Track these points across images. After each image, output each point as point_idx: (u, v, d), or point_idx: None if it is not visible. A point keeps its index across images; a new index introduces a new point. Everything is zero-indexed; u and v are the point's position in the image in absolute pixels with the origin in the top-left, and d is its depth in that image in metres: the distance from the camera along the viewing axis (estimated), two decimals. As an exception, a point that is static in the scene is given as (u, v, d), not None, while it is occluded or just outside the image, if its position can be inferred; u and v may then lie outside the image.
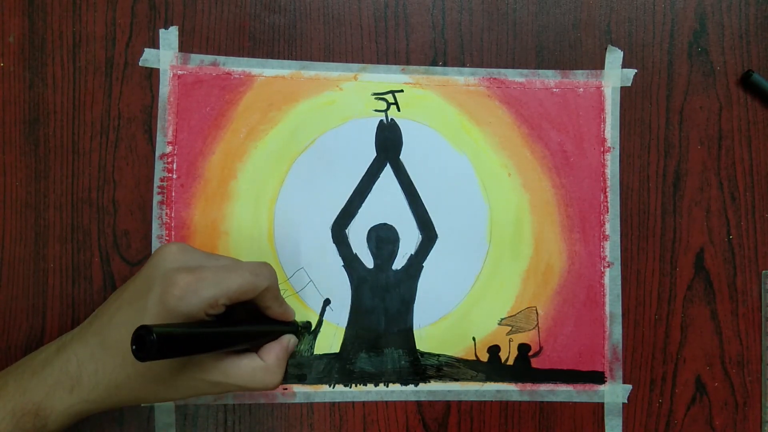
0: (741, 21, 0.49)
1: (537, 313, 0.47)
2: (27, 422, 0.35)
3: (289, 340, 0.42)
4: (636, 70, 0.48)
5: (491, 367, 0.46)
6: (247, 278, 0.36)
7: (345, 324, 0.46)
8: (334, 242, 0.46)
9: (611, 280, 0.47)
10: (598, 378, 0.47)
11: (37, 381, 0.36)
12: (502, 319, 0.47)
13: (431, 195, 0.47)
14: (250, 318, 0.41)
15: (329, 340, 0.46)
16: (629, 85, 0.48)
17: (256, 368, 0.38)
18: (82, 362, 0.36)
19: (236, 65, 0.46)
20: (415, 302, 0.46)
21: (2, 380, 0.37)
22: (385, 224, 0.47)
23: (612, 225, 0.47)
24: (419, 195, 0.47)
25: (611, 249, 0.47)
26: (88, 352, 0.36)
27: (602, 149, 0.48)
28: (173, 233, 0.45)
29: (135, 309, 0.36)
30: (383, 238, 0.46)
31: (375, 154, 0.47)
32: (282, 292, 0.45)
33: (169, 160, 0.46)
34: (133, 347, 0.30)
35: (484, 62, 0.48)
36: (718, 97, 0.48)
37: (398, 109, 0.47)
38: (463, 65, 0.47)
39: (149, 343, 0.30)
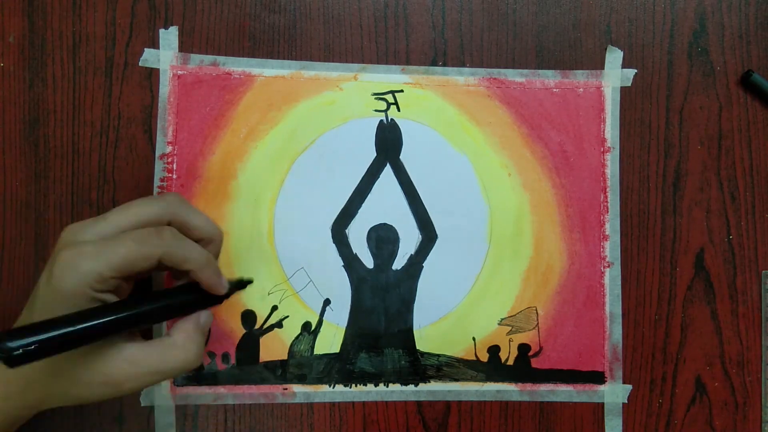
0: (741, 21, 0.49)
1: (537, 313, 0.47)
2: None
3: (200, 315, 0.37)
4: (636, 70, 0.48)
5: (491, 367, 0.46)
6: (132, 248, 0.33)
7: (345, 324, 0.46)
8: (334, 242, 0.46)
9: (611, 280, 0.47)
10: (598, 378, 0.47)
11: None
12: (502, 319, 0.47)
13: (431, 195, 0.47)
14: (180, 292, 0.37)
15: (329, 340, 0.46)
16: (629, 85, 0.48)
17: (165, 349, 0.34)
18: None
19: (236, 65, 0.46)
20: (415, 302, 0.46)
21: None
22: (385, 224, 0.47)
23: (612, 225, 0.47)
24: (419, 195, 0.47)
25: (611, 249, 0.47)
26: None
27: (602, 149, 0.48)
28: (173, 233, 0.45)
29: (31, 296, 0.34)
30: (383, 238, 0.46)
31: (375, 154, 0.47)
32: (282, 293, 0.45)
33: (169, 160, 0.46)
34: (1, 356, 0.28)
35: (484, 62, 0.48)
36: (718, 97, 0.48)
37: (398, 109, 0.47)
38: (463, 65, 0.47)
39: (6, 350, 0.28)
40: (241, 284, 0.40)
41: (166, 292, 0.37)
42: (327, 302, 0.46)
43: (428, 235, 0.47)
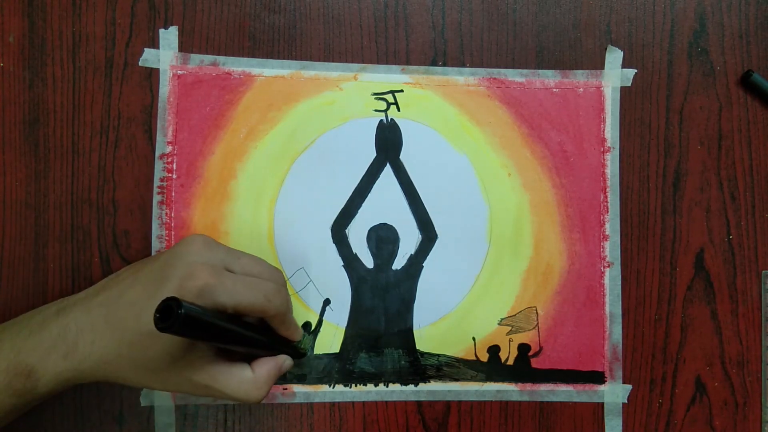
0: (741, 21, 0.49)
1: (537, 313, 0.47)
2: (18, 382, 0.35)
3: (284, 360, 0.41)
4: (636, 70, 0.48)
5: (491, 367, 0.46)
6: (260, 301, 0.36)
7: (345, 324, 0.46)
8: (334, 242, 0.46)
9: (611, 280, 0.47)
10: (598, 378, 0.47)
11: (33, 342, 0.36)
12: (502, 319, 0.47)
13: (431, 195, 0.47)
14: (257, 323, 0.40)
15: (329, 340, 0.46)
16: (629, 85, 0.48)
17: (244, 379, 0.37)
18: (81, 330, 0.36)
19: (236, 65, 0.46)
20: (415, 302, 0.46)
21: None
22: (385, 224, 0.47)
23: (612, 225, 0.47)
24: (419, 195, 0.47)
25: (611, 249, 0.47)
26: (89, 321, 0.36)
27: (602, 149, 0.48)
28: (173, 233, 0.45)
29: (148, 292, 0.35)
30: (383, 238, 0.46)
31: (375, 154, 0.47)
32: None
33: (169, 160, 0.46)
34: (157, 315, 0.30)
35: (484, 62, 0.48)
36: (718, 97, 0.48)
37: (398, 109, 0.47)
38: (463, 65, 0.47)
39: (175, 316, 0.29)
40: (302, 352, 0.45)
41: (267, 327, 0.40)
42: (327, 302, 0.46)
43: (428, 235, 0.47)
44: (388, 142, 0.47)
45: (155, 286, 0.35)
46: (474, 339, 0.46)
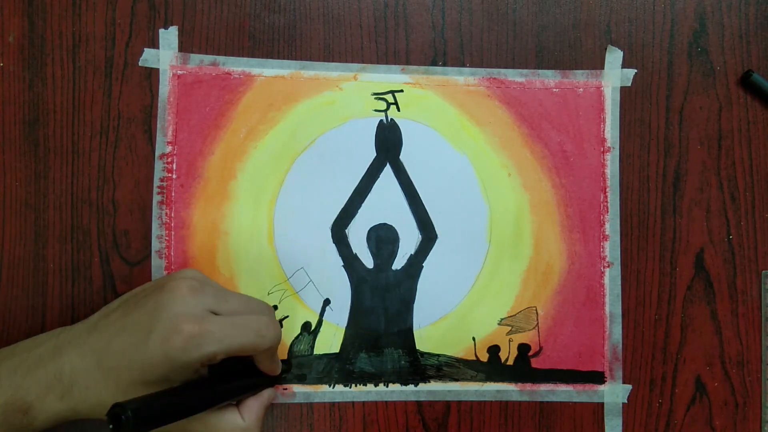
0: (741, 21, 0.49)
1: (537, 313, 0.47)
2: (16, 419, 0.35)
3: (268, 395, 0.41)
4: (636, 70, 0.48)
5: (491, 367, 0.46)
6: (252, 339, 0.36)
7: (345, 324, 0.46)
8: (334, 242, 0.46)
9: (611, 280, 0.47)
10: (598, 378, 0.47)
11: (31, 380, 0.36)
12: (502, 319, 0.47)
13: (431, 195, 0.47)
14: (235, 364, 0.40)
15: (329, 340, 0.46)
16: (629, 85, 0.48)
17: (236, 428, 0.38)
18: (75, 373, 0.36)
19: (236, 65, 0.46)
20: (415, 302, 0.46)
21: None
22: (385, 224, 0.47)
23: (612, 225, 0.47)
24: (419, 195, 0.47)
25: (611, 249, 0.47)
26: (83, 366, 0.36)
27: (602, 149, 0.48)
28: (173, 233, 0.45)
29: (134, 342, 0.35)
30: (383, 238, 0.46)
31: (375, 154, 0.47)
32: (282, 293, 0.45)
33: (169, 160, 0.46)
34: (110, 426, 0.30)
35: (484, 62, 0.48)
36: (718, 97, 0.48)
37: (398, 109, 0.47)
38: (463, 65, 0.47)
39: (124, 421, 0.29)
40: (286, 365, 0.45)
41: (243, 369, 0.40)
42: (327, 302, 0.46)
43: (428, 235, 0.47)
44: (388, 142, 0.47)
45: (141, 336, 0.35)
46: (474, 339, 0.46)
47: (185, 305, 0.36)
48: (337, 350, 0.46)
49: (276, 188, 0.46)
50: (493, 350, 0.46)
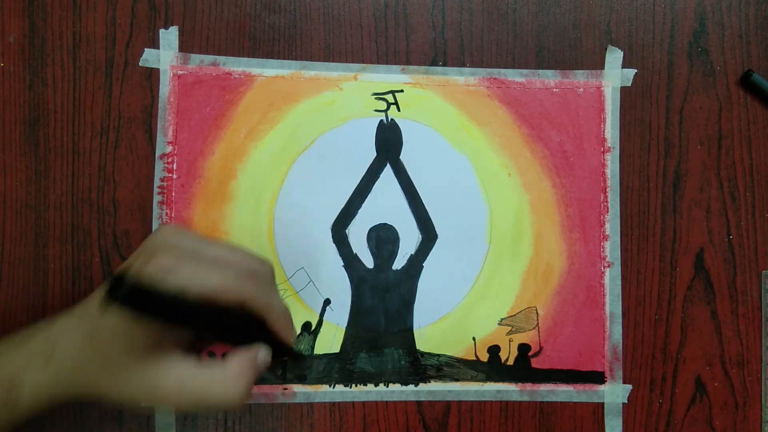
0: (741, 21, 0.49)
1: (537, 313, 0.47)
2: (0, 395, 0.34)
3: (258, 349, 0.36)
4: (636, 70, 0.48)
5: (491, 367, 0.46)
6: (227, 282, 0.33)
7: (345, 324, 0.46)
8: (334, 242, 0.46)
9: (611, 280, 0.47)
10: (598, 378, 0.47)
11: (14, 354, 0.35)
12: (502, 319, 0.47)
13: (431, 195, 0.47)
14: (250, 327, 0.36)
15: (329, 340, 0.46)
16: (629, 85, 0.48)
17: (214, 376, 0.34)
18: (58, 333, 0.35)
19: (236, 65, 0.46)
20: (415, 302, 0.46)
21: None
22: (385, 224, 0.47)
23: (612, 225, 0.47)
24: (419, 195, 0.47)
25: (611, 249, 0.47)
26: (68, 323, 0.35)
27: (602, 149, 0.48)
28: (173, 233, 0.45)
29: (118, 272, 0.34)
30: (383, 238, 0.46)
31: (375, 154, 0.47)
32: (282, 293, 0.45)
33: (169, 160, 0.46)
34: (107, 290, 0.29)
35: (484, 62, 0.48)
36: (718, 97, 0.48)
37: (398, 109, 0.47)
38: (463, 65, 0.47)
39: (122, 286, 0.29)
40: (298, 356, 0.43)
41: (257, 325, 0.36)
42: (327, 302, 0.46)
43: (428, 235, 0.47)
44: (388, 142, 0.47)
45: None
46: (474, 339, 0.46)
47: (166, 241, 0.35)
48: (338, 350, 0.46)
49: (276, 188, 0.46)
50: (494, 350, 0.46)
